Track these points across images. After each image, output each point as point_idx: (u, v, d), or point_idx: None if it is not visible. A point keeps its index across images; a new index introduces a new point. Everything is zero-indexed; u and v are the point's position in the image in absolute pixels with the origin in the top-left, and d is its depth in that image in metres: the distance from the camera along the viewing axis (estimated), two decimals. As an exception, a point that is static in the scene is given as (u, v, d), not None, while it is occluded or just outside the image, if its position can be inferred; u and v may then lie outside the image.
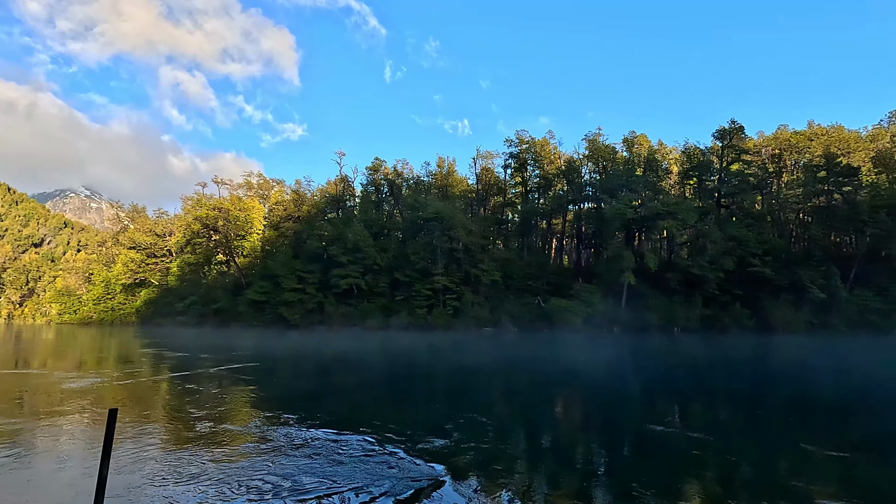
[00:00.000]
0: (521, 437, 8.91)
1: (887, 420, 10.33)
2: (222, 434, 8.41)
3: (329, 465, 6.61)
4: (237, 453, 7.23)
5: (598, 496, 5.72)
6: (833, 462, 7.40)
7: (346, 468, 6.47)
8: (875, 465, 7.27)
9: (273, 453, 7.23)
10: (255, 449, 7.48)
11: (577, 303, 49.56)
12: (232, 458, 6.98)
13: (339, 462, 6.75)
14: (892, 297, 46.46)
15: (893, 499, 5.83)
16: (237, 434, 8.46)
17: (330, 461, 6.77)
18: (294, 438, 8.06)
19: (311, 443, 7.77)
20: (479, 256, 56.06)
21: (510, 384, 16.06)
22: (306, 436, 8.22)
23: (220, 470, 6.35)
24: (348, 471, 6.35)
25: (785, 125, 67.52)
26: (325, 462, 6.74)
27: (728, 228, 52.01)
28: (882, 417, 10.64)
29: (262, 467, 6.50)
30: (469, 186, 76.61)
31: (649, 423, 10.11)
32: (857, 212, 48.73)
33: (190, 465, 6.57)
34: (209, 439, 8.03)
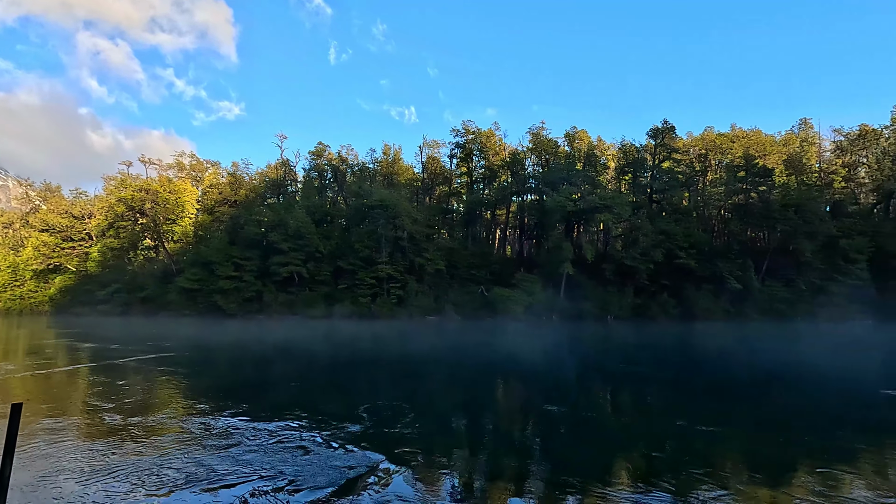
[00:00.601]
0: (461, 423, 9.10)
1: (789, 399, 11.48)
2: (143, 427, 7.97)
3: (257, 456, 6.44)
4: (156, 446, 6.89)
5: (533, 476, 5.96)
6: (742, 437, 8.15)
7: (276, 459, 6.32)
8: (777, 437, 8.07)
9: (196, 446, 6.96)
10: (178, 441, 7.16)
11: (519, 292, 50.93)
12: (149, 451, 6.65)
13: (268, 453, 6.59)
14: (797, 288, 51.44)
15: (792, 465, 6.50)
16: (160, 427, 8.04)
17: (259, 452, 6.59)
18: (222, 430, 7.78)
19: (240, 434, 7.53)
20: (424, 245, 56.11)
21: (452, 372, 16.31)
22: (236, 427, 7.96)
23: (134, 463, 6.05)
24: (278, 461, 6.21)
25: (711, 127, 72.36)
26: (252, 453, 6.56)
27: (658, 223, 55.21)
28: (784, 397, 11.81)
29: (181, 460, 6.24)
30: (415, 175, 76.23)
31: (583, 407, 10.65)
32: (770, 209, 53.28)
33: (102, 459, 6.20)
34: (126, 432, 7.60)
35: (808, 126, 72.24)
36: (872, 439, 7.88)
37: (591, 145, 70.82)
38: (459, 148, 69.42)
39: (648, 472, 6.09)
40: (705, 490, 5.44)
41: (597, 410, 10.39)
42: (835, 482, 5.85)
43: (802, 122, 72.52)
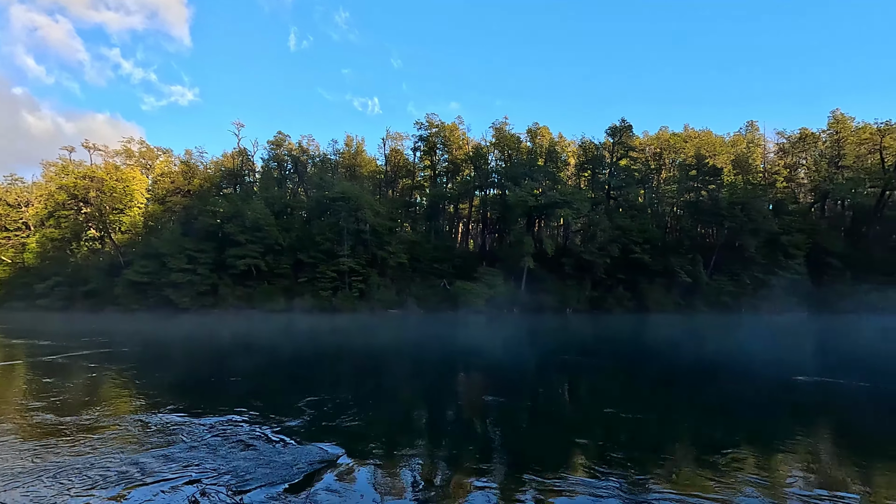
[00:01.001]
0: (423, 415, 9.15)
1: (729, 386, 12.16)
2: (77, 426, 7.59)
3: (204, 454, 6.22)
4: (89, 445, 6.57)
5: (494, 465, 6.06)
6: (689, 422, 8.60)
7: (225, 456, 6.12)
8: (719, 421, 8.56)
9: (134, 444, 6.69)
10: (115, 440, 6.87)
11: (481, 285, 51.46)
12: (82, 450, 6.33)
13: (216, 450, 6.37)
14: (741, 282, 54.38)
15: (733, 446, 6.91)
16: (94, 425, 7.68)
17: (206, 450, 6.38)
18: (166, 427, 7.50)
19: (186, 432, 7.28)
20: (386, 239, 55.70)
21: (414, 364, 16.35)
22: (183, 424, 7.69)
23: (64, 464, 5.77)
24: (226, 459, 6.01)
25: (666, 127, 75.08)
26: (198, 451, 6.32)
27: (615, 218, 56.97)
28: (726, 384, 12.50)
29: (116, 459, 5.98)
30: (378, 167, 75.43)
31: (542, 397, 10.93)
32: (719, 207, 55.96)
33: (27, 460, 5.87)
34: (57, 432, 7.22)
35: (754, 128, 76.18)
36: (797, 422, 8.48)
37: (553, 142, 72.09)
38: (423, 141, 69.18)
39: (603, 458, 6.32)
40: (656, 472, 5.72)
41: (555, 400, 10.68)
42: (766, 462, 6.28)
43: (749, 125, 76.40)
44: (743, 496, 4.95)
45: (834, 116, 67.78)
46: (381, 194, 69.40)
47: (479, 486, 5.27)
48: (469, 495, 5.05)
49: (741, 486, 5.23)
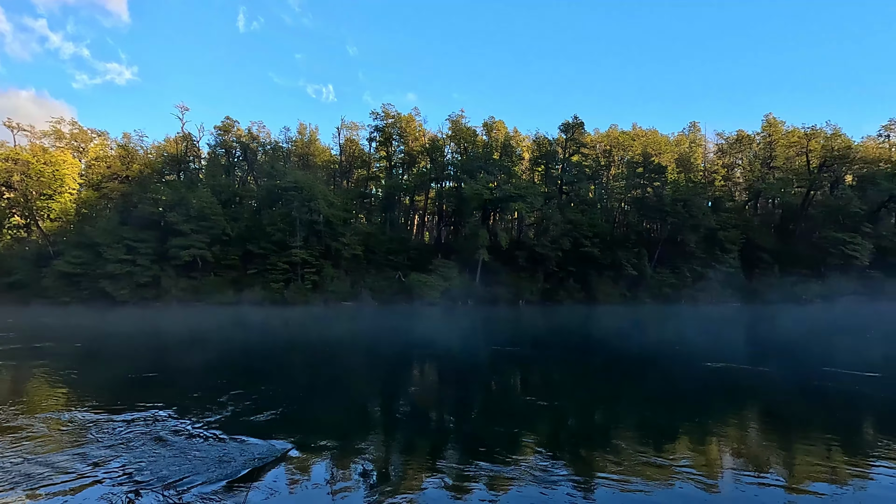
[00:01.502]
0: (376, 407, 9.13)
1: (671, 372, 12.87)
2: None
3: (133, 453, 5.92)
4: (25, 445, 6.16)
5: (447, 455, 6.12)
6: (632, 408, 9.05)
7: (163, 454, 5.82)
8: (663, 407, 9.06)
9: (51, 444, 6.31)
10: (26, 440, 6.46)
11: (436, 277, 51.67)
12: (26, 450, 5.94)
13: (151, 448, 6.08)
14: (682, 275, 57.43)
15: (673, 430, 7.34)
16: (15, 425, 7.18)
17: (137, 449, 6.08)
18: (95, 426, 7.12)
19: (116, 430, 6.92)
20: (340, 230, 54.75)
21: (368, 356, 16.26)
22: (114, 422, 7.30)
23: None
24: (161, 457, 5.72)
25: (615, 125, 77.78)
26: (129, 450, 6.00)
27: (567, 213, 58.60)
28: (667, 371, 13.22)
29: (46, 459, 5.65)
30: (332, 157, 73.89)
31: (495, 387, 11.17)
32: (663, 203, 58.70)
33: None
34: None
35: (696, 129, 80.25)
36: (728, 406, 9.13)
37: (508, 136, 73.05)
38: (379, 131, 68.33)
39: (553, 446, 6.54)
40: (602, 457, 5.98)
41: (507, 390, 10.93)
42: (702, 444, 6.73)
43: (692, 125, 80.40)
44: (681, 477, 5.28)
45: (767, 120, 72.50)
46: (336, 185, 68.09)
47: (433, 476, 5.31)
48: (423, 485, 5.07)
49: (680, 467, 5.57)
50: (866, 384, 10.27)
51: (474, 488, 4.97)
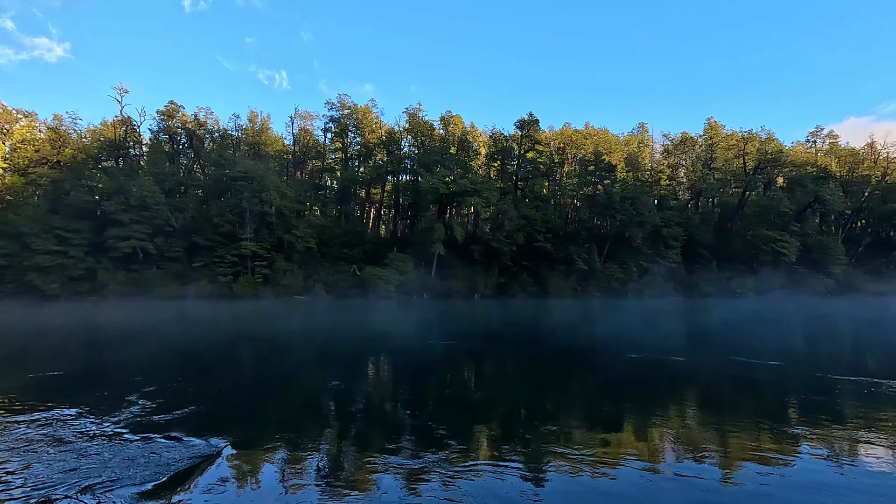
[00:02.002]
0: (326, 401, 9.00)
1: (615, 362, 13.43)
2: None
3: (68, 454, 5.60)
4: None
5: (401, 449, 6.03)
6: (583, 396, 9.40)
7: (92, 456, 5.49)
8: (608, 395, 9.46)
9: None
10: None
11: (391, 271, 51.39)
12: None
13: (80, 450, 5.74)
14: (629, 270, 59.88)
15: (618, 417, 7.69)
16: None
17: (71, 451, 5.74)
18: (9, 431, 6.67)
19: (30, 435, 6.47)
20: (293, 222, 53.35)
21: (319, 350, 16.00)
22: (23, 427, 6.81)
23: None
24: (93, 460, 5.41)
25: (569, 123, 79.76)
26: (42, 456, 5.62)
27: (522, 208, 59.71)
28: (613, 361, 13.79)
29: None
30: (285, 147, 71.67)
31: (449, 379, 11.27)
32: (612, 201, 60.88)
33: None
34: None
35: (644, 130, 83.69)
36: (667, 393, 9.67)
37: (465, 131, 73.40)
38: (334, 122, 66.97)
39: (506, 436, 6.67)
40: (552, 445, 6.18)
41: (461, 382, 11.06)
42: (644, 429, 7.10)
43: (640, 126, 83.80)
44: (625, 460, 5.56)
45: (709, 123, 76.65)
46: (289, 176, 66.14)
47: (386, 470, 5.26)
48: (375, 480, 5.02)
49: (625, 451, 5.87)
50: (770, 372, 11.15)
51: (428, 480, 4.98)
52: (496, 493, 4.64)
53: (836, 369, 11.33)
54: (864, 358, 13.89)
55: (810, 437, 6.36)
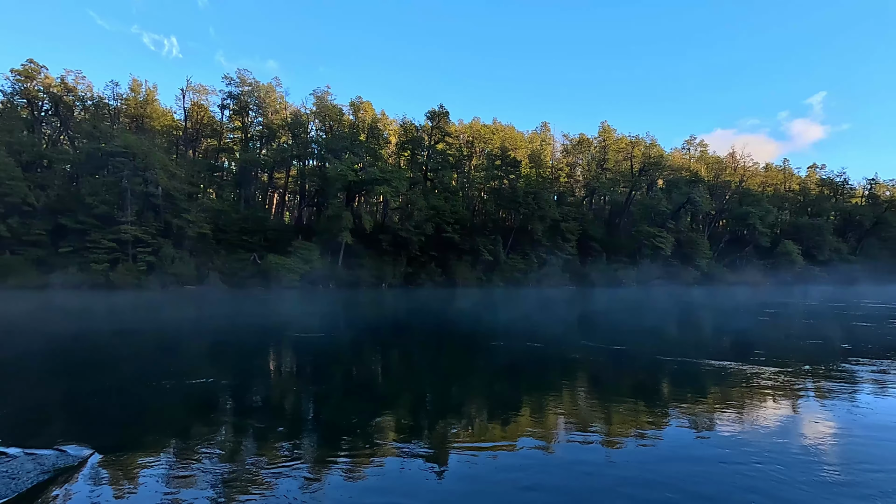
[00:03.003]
0: (218, 399, 8.38)
1: (515, 347, 14.10)
2: None
3: None
4: None
5: (302, 445, 5.76)
6: (485, 381, 9.75)
7: None
8: (508, 379, 9.91)
9: None
10: None
11: (296, 259, 49.29)
12: None
13: None
14: (530, 261, 63.29)
15: (517, 399, 8.08)
16: None
17: None
18: None
19: None
20: (184, 205, 48.82)
21: (211, 344, 14.90)
22: None
23: None
24: None
25: (478, 118, 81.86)
26: None
27: (431, 199, 60.30)
28: (513, 346, 14.47)
29: None
30: (175, 122, 65.13)
31: (354, 369, 11.09)
32: (516, 195, 63.77)
33: None
34: None
35: (546, 129, 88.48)
36: (560, 376, 10.40)
37: (375, 118, 72.21)
38: (233, 99, 62.16)
39: (412, 424, 6.69)
40: (457, 429, 6.34)
41: (367, 373, 10.92)
42: (540, 410, 7.56)
43: (543, 125, 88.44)
44: (523, 438, 5.89)
45: (603, 126, 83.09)
46: (179, 154, 60.25)
47: (286, 468, 4.98)
48: (274, 479, 4.73)
49: (523, 430, 6.21)
50: (610, 356, 12.55)
51: (330, 474, 4.85)
52: (400, 481, 4.67)
53: (679, 352, 12.99)
54: (702, 341, 16.10)
55: (662, 413, 7.24)
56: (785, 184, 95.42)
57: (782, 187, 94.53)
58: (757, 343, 14.38)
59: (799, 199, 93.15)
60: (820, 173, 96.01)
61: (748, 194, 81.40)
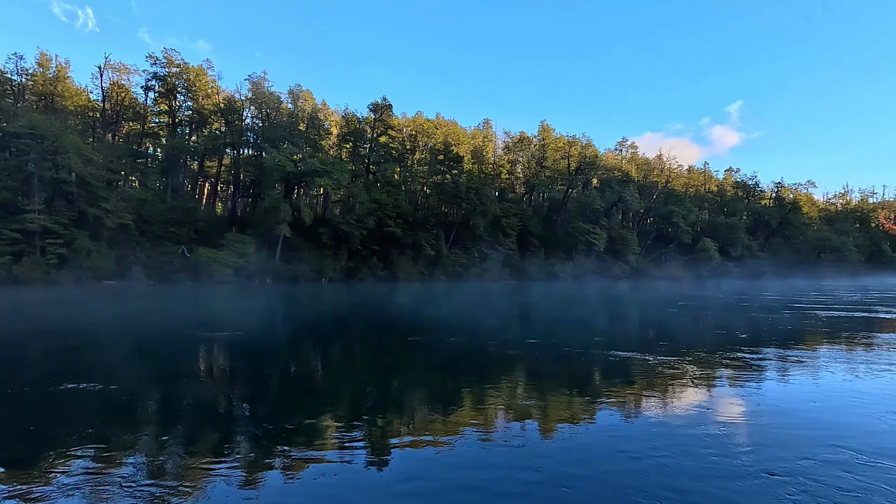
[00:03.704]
0: (139, 401, 7.86)
1: (454, 341, 14.30)
2: None
3: None
4: None
5: (237, 446, 5.48)
6: (425, 375, 9.82)
7: None
8: (449, 373, 10.02)
9: None
10: None
11: (229, 253, 47.03)
12: None
13: None
14: (471, 255, 64.26)
15: (456, 392, 8.19)
16: None
17: None
18: None
19: None
20: (102, 193, 45.01)
21: (132, 343, 13.93)
22: None
23: None
24: None
25: (421, 112, 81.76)
26: None
27: (373, 192, 59.54)
28: (452, 340, 14.67)
29: None
30: (91, 102, 59.73)
31: (292, 366, 10.78)
32: (458, 190, 64.45)
33: None
34: None
35: (489, 126, 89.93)
36: (499, 369, 10.69)
37: (316, 108, 70.19)
38: (159, 80, 57.93)
39: (352, 419, 6.57)
40: (396, 423, 6.32)
41: (305, 370, 10.65)
42: (480, 402, 7.73)
43: (485, 122, 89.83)
44: (462, 429, 5.99)
45: (542, 125, 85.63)
46: (97, 138, 55.39)
47: (219, 473, 4.72)
48: (205, 485, 4.47)
49: (463, 423, 6.31)
50: (527, 349, 13.23)
51: (266, 477, 4.68)
52: (340, 479, 4.60)
53: (588, 343, 13.80)
54: (617, 332, 17.20)
55: (588, 400, 7.69)
56: (705, 185, 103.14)
57: (702, 188, 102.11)
58: (667, 334, 15.53)
59: (717, 200, 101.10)
60: (735, 176, 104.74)
61: (673, 195, 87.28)
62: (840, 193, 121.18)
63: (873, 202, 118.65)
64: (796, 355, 10.93)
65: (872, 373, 9.01)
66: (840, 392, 7.63)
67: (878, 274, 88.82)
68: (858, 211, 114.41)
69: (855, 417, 6.33)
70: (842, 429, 5.84)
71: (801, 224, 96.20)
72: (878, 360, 10.16)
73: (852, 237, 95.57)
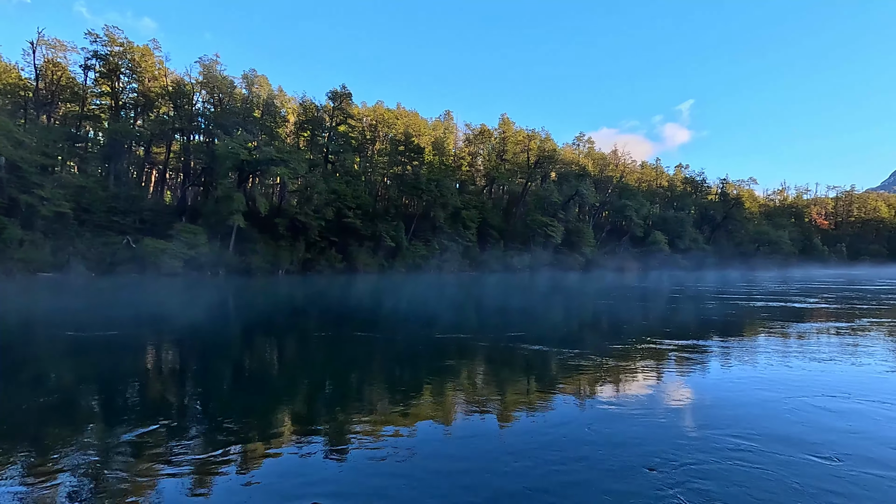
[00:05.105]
0: (77, 401, 7.48)
1: (414, 334, 14.39)
2: None
3: None
4: None
5: (188, 447, 5.31)
6: (385, 368, 9.82)
7: None
8: (407, 365, 10.07)
9: None
10: None
11: (178, 244, 45.02)
12: None
13: None
14: (432, 247, 64.34)
15: (416, 383, 8.25)
16: None
17: None
18: None
19: None
20: (35, 179, 41.96)
21: (66, 340, 13.18)
22: None
23: None
24: None
25: (381, 101, 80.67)
26: None
27: (331, 182, 58.43)
28: (411, 332, 14.73)
29: None
30: (23, 81, 55.30)
31: (245, 362, 10.52)
32: (419, 182, 64.24)
33: None
34: None
35: (450, 118, 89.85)
36: (456, 362, 10.85)
37: (272, 94, 67.92)
38: (100, 59, 54.31)
39: (309, 413, 6.50)
40: (355, 416, 6.29)
41: (260, 365, 10.41)
42: (439, 393, 7.83)
43: (446, 114, 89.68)
44: (421, 421, 6.05)
45: (503, 119, 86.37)
46: (30, 119, 51.47)
47: (169, 475, 4.54)
48: (154, 487, 4.30)
49: (421, 414, 6.37)
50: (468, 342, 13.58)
51: (221, 475, 4.55)
52: (298, 473, 4.56)
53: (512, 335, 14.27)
54: (543, 322, 17.85)
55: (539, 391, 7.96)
56: (657, 180, 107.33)
57: (654, 184, 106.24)
58: (588, 326, 16.21)
59: (667, 195, 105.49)
60: (685, 172, 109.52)
61: (627, 189, 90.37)
62: (778, 190, 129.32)
63: (807, 198, 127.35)
64: (707, 345, 11.65)
65: (775, 363, 9.74)
66: (744, 381, 8.20)
67: (807, 266, 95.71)
68: (794, 207, 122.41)
69: (753, 408, 6.81)
70: (740, 420, 6.29)
71: (743, 219, 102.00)
72: (788, 350, 10.99)
73: (788, 231, 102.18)
